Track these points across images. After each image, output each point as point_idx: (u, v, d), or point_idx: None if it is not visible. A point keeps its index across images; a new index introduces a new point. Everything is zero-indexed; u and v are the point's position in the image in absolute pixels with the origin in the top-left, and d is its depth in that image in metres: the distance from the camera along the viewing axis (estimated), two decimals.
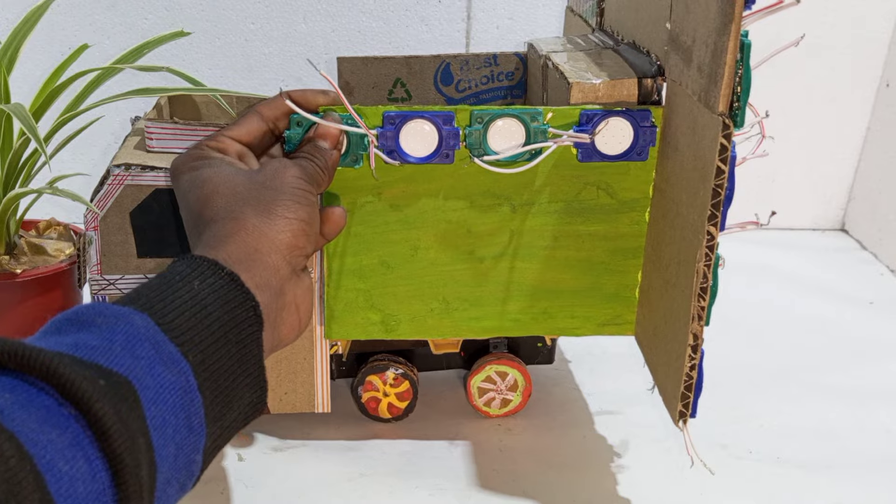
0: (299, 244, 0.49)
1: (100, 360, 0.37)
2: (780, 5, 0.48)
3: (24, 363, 0.34)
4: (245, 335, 0.44)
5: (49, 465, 0.32)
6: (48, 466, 0.32)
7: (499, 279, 0.61)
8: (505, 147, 0.57)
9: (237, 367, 0.43)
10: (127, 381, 0.37)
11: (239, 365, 0.43)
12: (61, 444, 0.33)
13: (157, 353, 0.39)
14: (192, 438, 0.40)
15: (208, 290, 0.43)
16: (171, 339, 0.40)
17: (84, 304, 0.40)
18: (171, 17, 0.97)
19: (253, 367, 0.44)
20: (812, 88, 1.05)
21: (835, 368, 0.81)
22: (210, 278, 0.44)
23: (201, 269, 0.44)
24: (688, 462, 0.58)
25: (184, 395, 0.39)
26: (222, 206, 0.49)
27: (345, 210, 0.55)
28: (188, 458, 0.40)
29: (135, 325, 0.39)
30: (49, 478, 0.32)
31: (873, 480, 0.66)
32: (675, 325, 0.55)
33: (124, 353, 0.38)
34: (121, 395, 0.36)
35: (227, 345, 0.43)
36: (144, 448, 0.36)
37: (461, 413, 0.72)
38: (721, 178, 0.49)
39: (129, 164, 0.59)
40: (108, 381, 0.36)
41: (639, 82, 0.58)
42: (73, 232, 0.78)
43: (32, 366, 0.34)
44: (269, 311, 0.46)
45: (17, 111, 0.61)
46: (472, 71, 0.77)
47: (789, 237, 1.10)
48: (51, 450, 0.33)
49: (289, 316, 0.49)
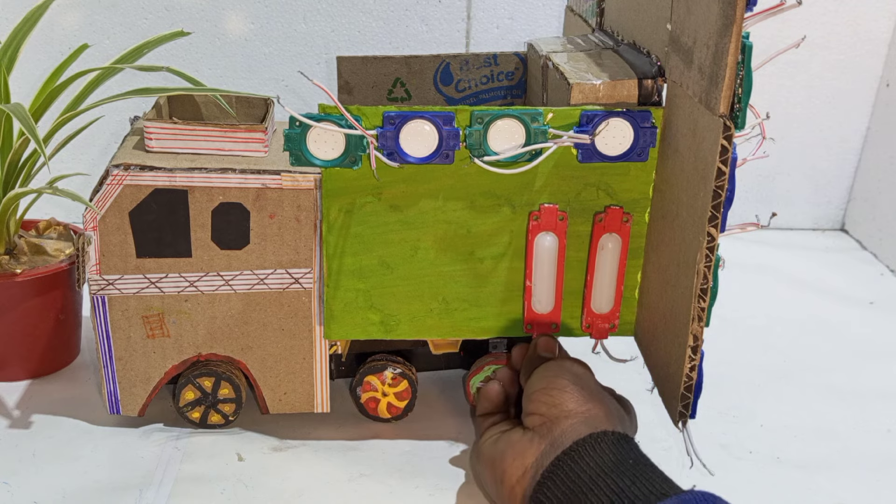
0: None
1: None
2: (781, 7, 0.48)
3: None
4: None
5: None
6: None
7: (498, 280, 0.61)
8: (505, 147, 0.57)
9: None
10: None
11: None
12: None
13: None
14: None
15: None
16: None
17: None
18: (171, 17, 0.97)
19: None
20: (812, 88, 1.05)
21: (835, 368, 0.81)
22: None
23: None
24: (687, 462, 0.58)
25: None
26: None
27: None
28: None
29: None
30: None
31: (873, 480, 0.66)
32: (675, 325, 0.55)
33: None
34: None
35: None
36: None
37: (461, 413, 0.72)
38: (721, 180, 0.49)
39: (128, 164, 0.59)
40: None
41: (639, 83, 0.58)
42: (72, 232, 0.78)
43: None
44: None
45: (16, 111, 0.61)
46: (472, 71, 0.77)
47: (789, 237, 1.10)
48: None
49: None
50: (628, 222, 0.60)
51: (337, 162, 0.57)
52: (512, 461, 0.55)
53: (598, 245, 0.61)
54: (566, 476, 0.51)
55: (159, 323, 0.63)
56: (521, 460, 0.55)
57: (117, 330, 0.63)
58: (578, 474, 0.51)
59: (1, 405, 0.70)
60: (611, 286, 0.62)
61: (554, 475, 0.52)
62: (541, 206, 0.59)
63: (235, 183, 0.60)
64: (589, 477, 0.50)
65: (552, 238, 0.60)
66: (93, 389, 0.73)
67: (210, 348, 0.65)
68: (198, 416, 0.67)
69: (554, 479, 0.51)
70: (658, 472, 0.51)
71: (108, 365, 0.64)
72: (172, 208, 0.60)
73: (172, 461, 0.64)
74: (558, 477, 0.51)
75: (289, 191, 0.60)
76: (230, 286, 0.63)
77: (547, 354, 0.62)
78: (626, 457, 0.51)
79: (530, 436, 0.55)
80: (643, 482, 0.49)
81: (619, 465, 0.50)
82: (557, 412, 0.55)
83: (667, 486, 0.49)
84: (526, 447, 0.55)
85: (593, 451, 0.51)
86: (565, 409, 0.55)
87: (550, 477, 0.52)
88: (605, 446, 0.52)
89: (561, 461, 0.52)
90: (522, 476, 0.54)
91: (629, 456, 0.51)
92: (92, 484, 0.62)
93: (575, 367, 0.59)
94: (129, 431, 0.67)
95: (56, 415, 0.69)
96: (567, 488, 0.51)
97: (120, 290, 0.62)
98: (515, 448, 0.55)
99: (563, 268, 0.61)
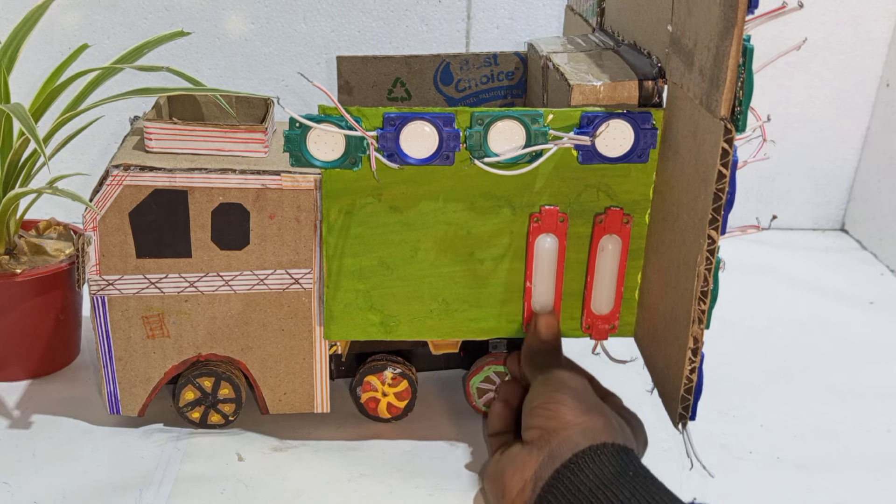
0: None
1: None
2: (783, 10, 0.48)
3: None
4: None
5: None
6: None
7: (498, 281, 0.61)
8: (505, 149, 0.57)
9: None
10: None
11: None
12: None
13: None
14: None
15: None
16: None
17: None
18: (171, 17, 0.97)
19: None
20: (812, 88, 1.05)
21: (835, 368, 0.81)
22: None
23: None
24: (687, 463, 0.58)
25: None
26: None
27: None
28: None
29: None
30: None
31: (873, 480, 0.66)
32: (676, 327, 0.55)
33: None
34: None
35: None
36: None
37: (461, 413, 0.72)
38: (722, 183, 0.49)
39: (128, 164, 0.59)
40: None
41: (640, 84, 0.57)
42: (72, 232, 0.78)
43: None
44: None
45: (16, 111, 0.61)
46: (472, 71, 0.77)
47: (789, 237, 1.10)
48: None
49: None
50: (629, 224, 0.60)
51: (337, 163, 0.57)
52: (512, 475, 0.55)
53: (599, 246, 0.61)
54: (566, 489, 0.51)
55: (159, 323, 0.63)
56: (520, 474, 0.55)
57: (117, 330, 0.63)
58: (578, 487, 0.51)
59: (1, 405, 0.70)
60: (611, 287, 0.62)
61: (554, 488, 0.52)
62: (541, 208, 0.59)
63: (235, 183, 0.60)
64: (588, 489, 0.50)
65: (552, 239, 0.60)
66: (93, 389, 0.73)
67: (210, 348, 0.65)
68: (198, 417, 0.67)
69: (554, 493, 0.51)
70: (658, 485, 0.51)
71: (108, 365, 0.64)
72: (172, 209, 0.60)
73: (172, 461, 0.64)
74: (558, 490, 0.51)
75: (289, 191, 0.60)
76: (230, 286, 0.63)
77: (548, 337, 0.61)
78: (625, 469, 0.51)
79: (529, 448, 0.55)
80: (643, 494, 0.49)
81: (618, 477, 0.50)
82: (555, 424, 0.55)
83: (667, 497, 0.49)
84: (525, 460, 0.55)
85: (593, 463, 0.51)
86: (563, 421, 0.55)
87: (551, 490, 0.52)
88: (604, 458, 0.52)
89: (561, 474, 0.52)
90: (522, 490, 0.54)
91: (629, 468, 0.51)
92: (92, 484, 0.62)
93: (574, 380, 0.58)
94: (129, 431, 0.67)
95: (56, 415, 0.69)
96: (567, 501, 0.51)
97: (120, 290, 0.62)
98: (515, 462, 0.55)
99: (563, 269, 0.61)
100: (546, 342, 0.61)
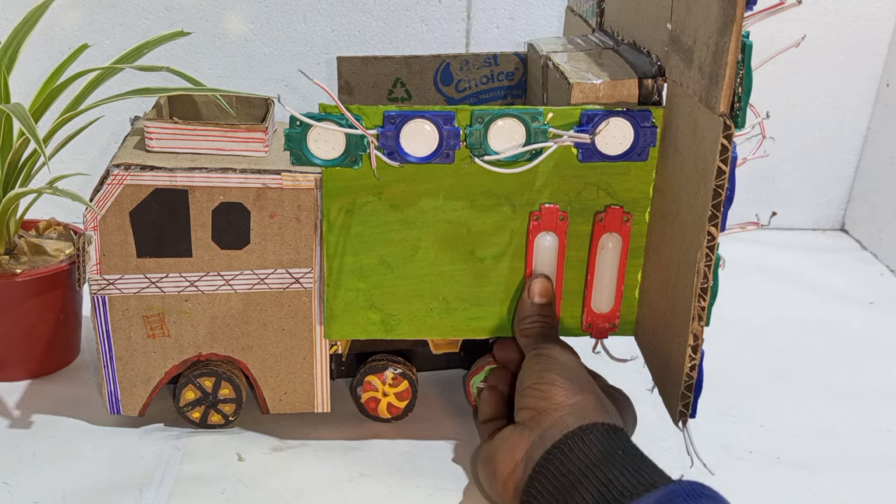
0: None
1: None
2: (781, 6, 0.48)
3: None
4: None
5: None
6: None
7: (499, 279, 0.61)
8: (505, 147, 0.57)
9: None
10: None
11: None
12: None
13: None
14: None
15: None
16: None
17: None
18: (171, 17, 0.97)
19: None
20: (812, 88, 1.05)
21: (835, 368, 0.81)
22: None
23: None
24: (687, 462, 0.58)
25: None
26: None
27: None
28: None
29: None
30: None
31: (873, 480, 0.66)
32: (676, 324, 0.55)
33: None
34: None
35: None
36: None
37: (461, 413, 0.72)
38: (722, 179, 0.49)
39: (128, 163, 0.59)
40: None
41: (639, 83, 0.58)
42: (72, 232, 0.78)
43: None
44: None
45: (16, 111, 0.61)
46: (472, 71, 0.77)
47: (789, 237, 1.10)
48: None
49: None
50: (628, 222, 0.60)
51: (337, 161, 0.57)
52: (503, 456, 0.55)
53: (599, 244, 0.61)
54: (556, 470, 0.51)
55: (160, 323, 0.63)
56: (511, 455, 0.55)
57: (118, 330, 0.63)
58: (568, 467, 0.51)
59: (1, 405, 0.70)
60: (611, 286, 0.62)
61: (545, 469, 0.52)
62: (541, 206, 0.59)
63: (236, 183, 0.60)
64: (578, 469, 0.50)
65: (552, 238, 0.60)
66: (93, 389, 0.73)
67: (210, 348, 0.65)
68: (198, 416, 0.67)
69: (545, 473, 0.52)
70: (647, 462, 0.51)
71: (108, 365, 0.64)
72: (173, 208, 0.60)
73: (172, 461, 0.64)
74: (549, 471, 0.52)
75: (289, 190, 0.60)
76: (230, 286, 0.63)
77: (542, 300, 0.61)
78: (615, 448, 0.51)
79: (520, 430, 0.56)
80: (632, 472, 0.49)
81: (608, 456, 0.51)
82: (547, 405, 0.55)
83: (656, 475, 0.49)
84: (516, 441, 0.55)
85: (582, 443, 0.52)
86: (554, 402, 0.55)
87: (541, 471, 0.52)
88: (594, 438, 0.52)
89: (551, 454, 0.52)
90: (514, 470, 0.55)
91: (618, 446, 0.51)
92: (92, 484, 0.62)
93: (564, 356, 0.58)
94: (129, 431, 0.67)
95: (56, 415, 0.69)
96: (557, 482, 0.51)
97: (120, 289, 0.62)
98: (507, 443, 0.56)
99: (563, 267, 0.61)
100: (539, 306, 0.61)
